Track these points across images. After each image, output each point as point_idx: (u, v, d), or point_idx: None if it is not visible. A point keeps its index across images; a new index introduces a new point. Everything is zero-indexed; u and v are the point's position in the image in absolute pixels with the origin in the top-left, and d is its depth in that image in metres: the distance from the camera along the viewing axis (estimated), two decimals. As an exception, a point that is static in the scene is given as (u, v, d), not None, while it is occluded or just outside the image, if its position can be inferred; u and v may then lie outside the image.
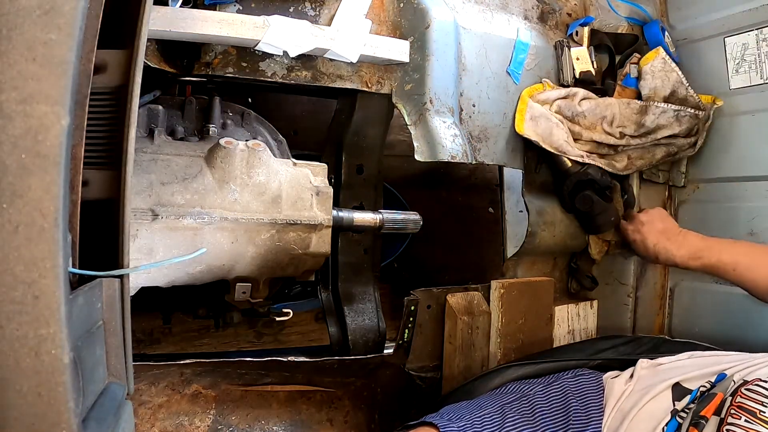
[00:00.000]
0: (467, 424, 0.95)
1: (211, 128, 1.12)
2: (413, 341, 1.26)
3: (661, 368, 0.98)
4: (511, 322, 1.30)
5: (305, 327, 1.65)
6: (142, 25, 0.60)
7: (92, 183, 0.59)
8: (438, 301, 1.28)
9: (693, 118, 1.39)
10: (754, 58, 1.36)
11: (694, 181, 1.52)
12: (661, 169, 1.55)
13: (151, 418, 1.09)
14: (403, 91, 1.20)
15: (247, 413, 1.17)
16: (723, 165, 1.44)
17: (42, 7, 0.43)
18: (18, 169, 0.41)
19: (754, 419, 0.76)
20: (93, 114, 0.58)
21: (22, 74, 0.42)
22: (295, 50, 1.04)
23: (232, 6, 1.04)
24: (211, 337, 1.53)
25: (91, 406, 0.50)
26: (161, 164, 0.97)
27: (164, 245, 0.94)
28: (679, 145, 1.43)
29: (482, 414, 0.98)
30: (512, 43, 1.34)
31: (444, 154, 1.16)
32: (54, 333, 0.41)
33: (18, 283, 0.41)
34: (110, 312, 0.56)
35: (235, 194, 1.00)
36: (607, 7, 1.53)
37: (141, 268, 0.81)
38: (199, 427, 1.13)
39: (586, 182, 1.38)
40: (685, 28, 1.51)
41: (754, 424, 0.75)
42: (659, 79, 1.42)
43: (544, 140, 1.31)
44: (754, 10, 1.34)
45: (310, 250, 1.10)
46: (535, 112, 1.31)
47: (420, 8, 1.18)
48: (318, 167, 1.14)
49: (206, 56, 1.05)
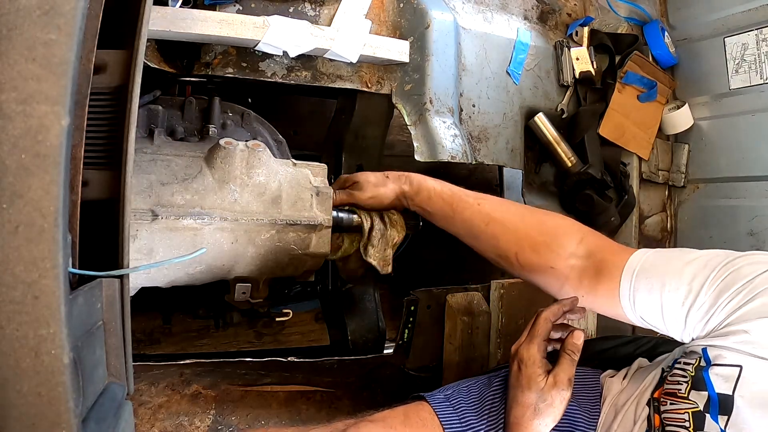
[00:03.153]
0: (452, 392, 0.99)
1: (211, 128, 1.12)
2: (413, 341, 1.26)
3: (655, 362, 0.99)
4: (511, 322, 1.30)
5: (305, 327, 1.65)
6: (142, 25, 0.60)
7: (92, 183, 0.59)
8: (438, 301, 1.28)
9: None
10: (754, 58, 1.36)
11: (694, 181, 1.52)
12: (661, 169, 1.55)
13: (151, 418, 1.09)
14: (403, 91, 1.20)
15: (247, 413, 1.17)
16: (723, 165, 1.44)
17: (42, 7, 0.43)
18: (18, 169, 0.41)
19: (677, 399, 0.79)
20: (93, 114, 0.57)
21: (22, 74, 0.42)
22: (295, 50, 1.04)
23: (232, 6, 1.04)
24: (211, 337, 1.53)
25: (91, 406, 0.50)
26: (161, 164, 0.97)
27: (164, 245, 0.94)
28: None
29: (468, 383, 1.03)
30: (512, 43, 1.34)
31: (444, 154, 1.16)
32: (54, 333, 0.41)
33: (18, 283, 0.41)
34: (110, 312, 0.56)
35: (235, 194, 1.00)
36: (607, 7, 1.53)
37: (141, 268, 0.81)
38: (199, 427, 1.13)
39: (587, 182, 1.38)
40: (685, 28, 1.51)
41: (678, 403, 0.78)
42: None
43: None
44: (754, 10, 1.34)
45: (310, 251, 1.09)
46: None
47: (420, 8, 1.18)
48: (318, 167, 1.14)
49: (206, 56, 1.05)
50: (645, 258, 0.88)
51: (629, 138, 1.51)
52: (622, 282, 0.88)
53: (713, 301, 0.78)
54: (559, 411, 0.88)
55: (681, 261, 0.84)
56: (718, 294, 0.78)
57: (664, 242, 1.64)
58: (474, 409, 0.98)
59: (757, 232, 1.35)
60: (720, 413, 0.74)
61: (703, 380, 0.77)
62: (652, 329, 0.89)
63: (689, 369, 0.80)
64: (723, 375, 0.75)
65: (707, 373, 0.77)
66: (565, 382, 0.88)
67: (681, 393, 0.79)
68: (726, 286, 0.77)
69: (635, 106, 1.51)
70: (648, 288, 0.85)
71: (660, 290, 0.83)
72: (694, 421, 0.76)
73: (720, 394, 0.75)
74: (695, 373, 0.79)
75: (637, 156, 1.53)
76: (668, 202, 1.58)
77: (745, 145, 1.39)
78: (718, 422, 0.74)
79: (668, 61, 1.55)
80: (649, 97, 1.51)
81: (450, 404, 0.98)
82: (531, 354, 0.90)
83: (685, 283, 0.81)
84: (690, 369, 0.80)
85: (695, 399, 0.77)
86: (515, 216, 0.99)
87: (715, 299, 0.78)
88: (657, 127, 1.56)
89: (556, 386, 0.88)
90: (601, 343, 1.27)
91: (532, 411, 0.88)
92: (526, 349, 0.91)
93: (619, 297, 0.88)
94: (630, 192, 1.49)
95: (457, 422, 0.95)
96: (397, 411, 0.95)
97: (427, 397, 0.98)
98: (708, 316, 0.79)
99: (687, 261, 0.84)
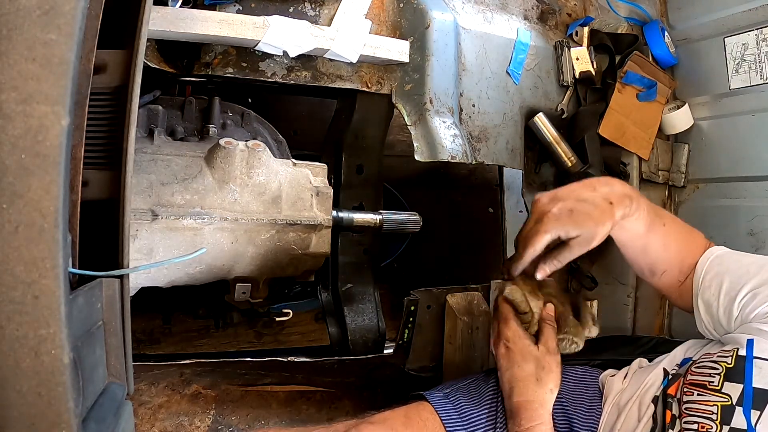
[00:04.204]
0: (451, 389, 1.01)
1: (211, 128, 1.12)
2: (413, 341, 1.26)
3: (655, 362, 0.99)
4: (511, 322, 1.30)
5: (305, 327, 1.65)
6: (142, 25, 0.60)
7: (92, 183, 0.59)
8: (438, 301, 1.28)
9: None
10: (754, 58, 1.36)
11: (694, 181, 1.52)
12: (661, 169, 1.54)
13: (151, 418, 1.09)
14: (403, 91, 1.20)
15: (247, 413, 1.18)
16: (723, 165, 1.44)
17: (42, 7, 0.43)
18: (18, 169, 0.41)
19: (705, 391, 0.79)
20: (93, 114, 0.57)
21: (22, 74, 0.42)
22: (295, 50, 1.04)
23: (232, 6, 1.04)
24: (211, 337, 1.53)
25: (91, 406, 0.50)
26: (161, 164, 0.97)
27: (164, 245, 0.94)
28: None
29: (467, 380, 1.04)
30: (512, 43, 1.34)
31: (444, 154, 1.16)
32: (54, 333, 0.41)
33: (18, 283, 0.41)
34: (110, 312, 0.56)
35: (235, 194, 1.00)
36: (607, 7, 1.53)
37: (141, 268, 0.81)
38: (199, 427, 1.13)
39: (586, 182, 1.38)
40: (685, 28, 1.51)
41: (706, 395, 0.78)
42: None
43: None
44: (754, 10, 1.34)
45: (310, 251, 1.10)
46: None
47: (420, 8, 1.18)
48: (318, 167, 1.14)
49: (206, 56, 1.05)
50: (713, 257, 0.93)
51: (629, 138, 1.51)
52: (697, 267, 0.94)
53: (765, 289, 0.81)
54: (557, 374, 0.91)
55: (742, 260, 0.90)
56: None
57: (664, 242, 1.64)
58: (473, 404, 0.98)
59: (757, 232, 1.35)
60: (754, 407, 0.73)
61: (741, 372, 0.76)
62: (703, 319, 0.92)
63: (726, 359, 0.79)
64: (765, 369, 0.75)
65: (750, 365, 0.76)
66: (554, 347, 0.92)
67: (712, 385, 0.78)
68: None
69: (635, 106, 1.51)
70: (714, 272, 0.90)
71: (723, 274, 0.89)
72: (722, 414, 0.75)
73: (757, 389, 0.74)
74: (734, 364, 0.78)
75: (637, 156, 1.53)
76: (668, 202, 1.57)
77: (745, 145, 1.39)
78: (749, 417, 0.73)
79: (668, 61, 1.55)
80: (649, 96, 1.51)
81: (449, 401, 0.98)
82: (513, 330, 0.93)
83: (745, 267, 0.86)
84: (727, 359, 0.79)
85: (729, 391, 0.76)
86: (678, 241, 0.98)
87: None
88: (657, 127, 1.56)
89: (549, 352, 0.91)
90: (601, 343, 1.27)
91: (535, 381, 0.90)
92: (506, 329, 0.93)
93: (692, 281, 0.94)
94: (630, 192, 1.49)
95: (458, 419, 0.95)
96: (397, 412, 0.95)
97: (427, 396, 0.99)
98: (758, 301, 0.82)
99: (749, 262, 0.89)
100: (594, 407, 0.97)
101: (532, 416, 0.88)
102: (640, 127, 1.52)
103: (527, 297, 0.94)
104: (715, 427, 0.75)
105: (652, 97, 1.52)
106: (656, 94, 1.52)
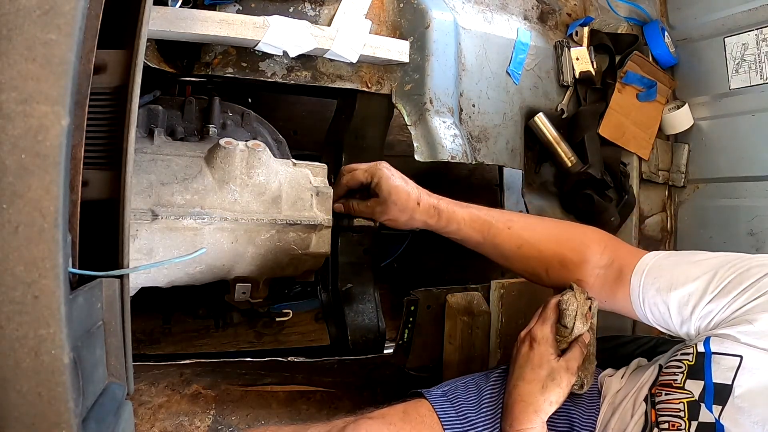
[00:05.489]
0: (450, 388, 1.01)
1: (211, 128, 1.12)
2: (413, 341, 1.26)
3: (653, 360, 0.99)
4: (510, 322, 1.30)
5: (305, 327, 1.65)
6: (142, 25, 0.60)
7: (92, 183, 0.59)
8: (438, 301, 1.28)
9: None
10: (754, 58, 1.36)
11: (694, 181, 1.52)
12: (661, 169, 1.55)
13: (151, 418, 1.09)
14: (403, 91, 1.20)
15: (247, 413, 1.17)
16: (723, 165, 1.44)
17: (42, 7, 0.43)
18: (18, 169, 0.41)
19: (672, 390, 0.81)
20: (93, 114, 0.57)
21: (22, 74, 0.42)
22: (295, 50, 1.04)
23: (232, 6, 1.04)
24: (211, 337, 1.53)
25: (91, 406, 0.50)
26: (161, 164, 0.97)
27: (164, 245, 0.94)
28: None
29: (466, 380, 1.04)
30: (512, 43, 1.34)
31: (444, 154, 1.16)
32: (54, 333, 0.41)
33: (18, 283, 0.41)
34: (110, 312, 0.56)
35: (235, 194, 1.00)
36: (607, 7, 1.53)
37: (141, 268, 0.81)
38: (199, 427, 1.13)
39: (587, 182, 1.38)
40: (685, 28, 1.51)
41: (672, 393, 0.81)
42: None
43: None
44: (754, 10, 1.34)
45: (310, 251, 1.09)
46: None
47: (420, 8, 1.18)
48: (318, 167, 1.14)
49: (206, 56, 1.05)
50: (655, 259, 0.91)
51: (629, 138, 1.51)
52: (632, 281, 0.91)
53: (719, 300, 0.80)
54: (564, 393, 0.90)
55: (689, 262, 0.88)
56: (725, 293, 0.80)
57: (664, 242, 1.64)
58: (472, 404, 0.98)
59: (757, 232, 1.35)
60: (715, 402, 0.75)
61: (701, 369, 0.78)
62: (659, 328, 0.92)
63: (687, 359, 0.81)
64: (723, 364, 0.76)
65: (708, 361, 0.78)
66: (574, 368, 0.91)
67: (677, 383, 0.81)
68: (733, 286, 0.80)
69: (635, 106, 1.51)
70: (656, 287, 0.88)
71: (667, 289, 0.86)
72: (688, 411, 0.77)
73: (717, 384, 0.76)
74: (694, 361, 0.80)
75: (637, 156, 1.53)
76: (668, 202, 1.58)
77: (745, 145, 1.39)
78: (712, 411, 0.75)
79: (668, 61, 1.55)
80: (649, 96, 1.51)
81: (448, 399, 0.99)
82: (545, 334, 0.93)
83: (692, 281, 0.84)
84: (688, 358, 0.81)
85: (691, 388, 0.78)
86: (544, 235, 1.01)
87: (722, 298, 0.80)
88: (657, 127, 1.56)
89: (568, 370, 0.90)
90: (601, 343, 1.27)
91: (540, 387, 0.89)
92: (540, 329, 0.94)
93: (630, 296, 0.91)
94: (630, 192, 1.49)
95: (456, 418, 0.96)
96: (396, 408, 0.95)
97: (426, 394, 0.99)
98: (713, 315, 0.81)
99: (694, 261, 0.87)
100: (594, 407, 0.98)
101: (525, 419, 0.88)
102: (640, 127, 1.52)
103: (578, 314, 0.94)
104: (684, 424, 0.77)
105: (652, 97, 1.52)
106: (656, 94, 1.52)
